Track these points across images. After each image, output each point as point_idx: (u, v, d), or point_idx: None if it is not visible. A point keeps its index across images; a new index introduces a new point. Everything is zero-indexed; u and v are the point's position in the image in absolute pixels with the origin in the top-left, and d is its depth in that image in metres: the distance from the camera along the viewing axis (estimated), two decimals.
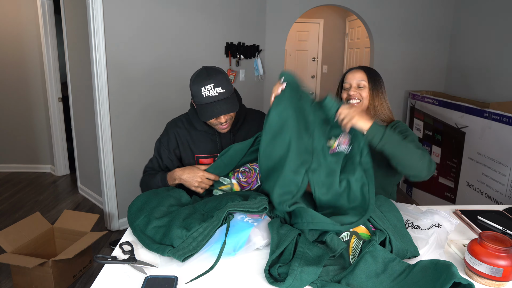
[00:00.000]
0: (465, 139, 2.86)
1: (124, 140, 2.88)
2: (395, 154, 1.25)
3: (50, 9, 3.76)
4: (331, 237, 1.08)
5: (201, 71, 1.39)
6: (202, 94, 1.34)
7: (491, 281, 0.95)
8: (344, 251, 1.04)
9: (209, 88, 1.34)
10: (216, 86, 1.34)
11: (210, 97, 1.35)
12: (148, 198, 1.30)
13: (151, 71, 2.89)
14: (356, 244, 1.06)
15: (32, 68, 4.03)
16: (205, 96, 1.34)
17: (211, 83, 1.34)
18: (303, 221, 1.12)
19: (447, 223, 1.13)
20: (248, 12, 3.49)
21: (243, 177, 1.41)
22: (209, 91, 1.34)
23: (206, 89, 1.34)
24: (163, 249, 1.05)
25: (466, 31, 3.60)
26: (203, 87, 1.34)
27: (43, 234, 2.35)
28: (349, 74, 1.52)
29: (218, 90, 1.35)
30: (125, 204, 2.96)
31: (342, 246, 1.04)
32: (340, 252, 1.04)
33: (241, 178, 1.41)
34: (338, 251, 1.04)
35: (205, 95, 1.34)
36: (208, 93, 1.34)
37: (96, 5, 2.54)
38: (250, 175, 1.42)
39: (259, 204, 1.17)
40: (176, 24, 2.97)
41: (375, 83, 1.50)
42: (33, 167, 4.31)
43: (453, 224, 1.14)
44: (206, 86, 1.34)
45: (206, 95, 1.34)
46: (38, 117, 4.17)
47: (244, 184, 1.42)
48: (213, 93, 1.34)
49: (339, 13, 5.50)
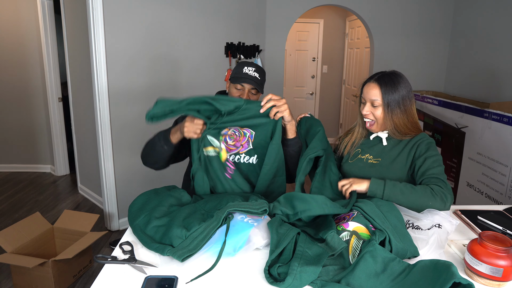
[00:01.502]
0: (465, 139, 2.86)
1: (124, 140, 2.88)
2: (401, 203, 1.26)
3: (50, 9, 3.76)
4: (331, 236, 1.07)
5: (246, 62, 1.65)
6: (243, 70, 1.58)
7: (491, 281, 0.95)
8: (344, 250, 1.04)
9: (251, 69, 1.59)
10: (256, 71, 1.58)
11: (248, 74, 1.58)
12: (149, 198, 1.30)
13: (151, 70, 2.89)
14: (356, 244, 1.06)
15: (32, 68, 4.03)
16: (244, 71, 1.58)
17: (253, 67, 1.59)
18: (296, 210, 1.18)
19: (448, 224, 1.13)
20: (248, 12, 3.49)
21: (231, 141, 1.48)
22: (250, 71, 1.59)
23: (248, 69, 1.59)
24: (162, 248, 1.05)
25: (466, 31, 3.60)
26: (246, 67, 1.59)
27: (43, 234, 2.35)
28: (365, 88, 1.43)
29: (256, 74, 1.59)
30: (125, 204, 2.96)
31: (343, 245, 1.04)
32: (340, 251, 1.04)
33: (229, 141, 1.48)
34: (338, 250, 1.03)
35: (245, 71, 1.58)
36: (248, 71, 1.58)
37: (96, 5, 2.54)
38: (239, 138, 1.49)
39: (260, 206, 1.17)
40: (176, 24, 2.97)
41: (390, 100, 1.38)
42: (33, 167, 4.31)
43: (453, 224, 1.14)
44: (249, 67, 1.59)
45: (245, 71, 1.58)
46: (38, 117, 4.17)
47: (232, 148, 1.48)
48: (252, 73, 1.58)
49: (339, 13, 5.50)
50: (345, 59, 5.59)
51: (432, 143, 1.41)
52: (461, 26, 3.69)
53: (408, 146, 1.42)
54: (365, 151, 1.50)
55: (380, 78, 1.41)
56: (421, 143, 1.40)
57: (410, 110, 1.42)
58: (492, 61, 3.22)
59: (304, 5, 3.75)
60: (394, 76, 1.41)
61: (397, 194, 1.26)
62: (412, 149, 1.41)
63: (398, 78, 1.41)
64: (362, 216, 1.15)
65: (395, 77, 1.40)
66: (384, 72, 1.43)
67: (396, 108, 1.39)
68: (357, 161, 1.50)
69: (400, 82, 1.40)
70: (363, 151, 1.51)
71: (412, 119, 1.43)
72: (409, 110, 1.41)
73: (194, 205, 1.25)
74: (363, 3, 3.76)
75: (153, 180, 2.70)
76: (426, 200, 1.23)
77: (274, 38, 3.77)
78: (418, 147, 1.40)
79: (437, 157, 1.36)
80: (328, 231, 1.09)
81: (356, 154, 1.52)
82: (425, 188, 1.26)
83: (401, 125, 1.42)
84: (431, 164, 1.34)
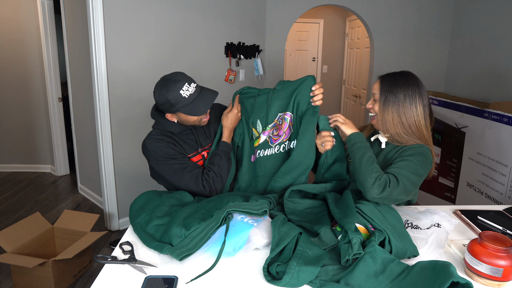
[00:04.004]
0: (465, 139, 2.86)
1: (124, 140, 2.88)
2: (353, 163, 1.32)
3: (50, 9, 3.76)
4: (324, 230, 1.12)
5: (164, 82, 1.40)
6: (184, 96, 1.38)
7: (491, 281, 0.95)
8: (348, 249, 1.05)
9: (186, 88, 1.38)
10: (189, 84, 1.40)
11: (192, 94, 1.40)
12: (150, 197, 1.31)
13: (151, 70, 2.89)
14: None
15: (32, 68, 4.03)
16: (188, 96, 1.39)
17: (183, 83, 1.38)
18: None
19: (447, 223, 1.13)
20: (248, 12, 3.49)
21: (275, 131, 1.55)
22: (188, 89, 1.39)
23: (184, 90, 1.38)
24: (161, 247, 1.06)
25: (466, 31, 3.60)
26: (181, 90, 1.37)
27: (43, 234, 2.35)
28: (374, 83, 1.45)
29: (193, 85, 1.41)
30: (125, 204, 2.96)
31: (334, 242, 1.08)
32: (331, 247, 1.08)
33: (274, 133, 1.55)
34: (329, 246, 1.07)
35: (187, 94, 1.39)
36: (188, 92, 1.39)
37: (96, 5, 2.54)
38: (281, 126, 1.54)
39: (260, 207, 1.18)
40: (176, 24, 2.97)
41: (386, 96, 1.36)
42: (33, 167, 4.31)
43: (452, 224, 1.14)
44: (183, 88, 1.38)
45: (189, 94, 1.39)
46: (38, 117, 4.17)
47: (275, 138, 1.56)
48: (192, 89, 1.40)
49: (339, 13, 5.50)
50: (345, 59, 5.59)
51: (423, 155, 1.31)
52: (461, 26, 3.69)
53: (398, 152, 1.37)
54: None
55: (387, 75, 1.41)
56: (411, 149, 1.34)
57: (408, 113, 1.34)
58: (492, 61, 3.23)
59: (304, 5, 3.74)
60: (401, 75, 1.38)
61: (355, 154, 1.32)
62: (400, 150, 1.37)
63: (404, 78, 1.37)
64: (361, 216, 1.15)
65: (401, 77, 1.38)
66: (396, 72, 1.42)
67: (389, 106, 1.36)
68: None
69: (405, 83, 1.35)
70: None
71: (409, 124, 1.35)
72: (407, 113, 1.34)
73: (195, 205, 1.25)
74: (363, 3, 3.76)
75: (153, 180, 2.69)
76: (365, 176, 1.23)
77: (274, 38, 3.77)
78: (406, 151, 1.34)
79: (414, 165, 1.27)
80: (322, 226, 1.13)
81: None
82: (378, 171, 1.25)
83: (391, 126, 1.37)
84: (402, 165, 1.27)
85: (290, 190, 1.33)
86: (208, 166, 1.45)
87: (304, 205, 1.32)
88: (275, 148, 1.54)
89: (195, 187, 1.38)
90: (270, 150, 1.55)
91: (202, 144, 1.55)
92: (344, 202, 1.23)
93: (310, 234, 1.16)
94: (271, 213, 1.28)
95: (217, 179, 1.42)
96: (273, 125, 1.54)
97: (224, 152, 1.48)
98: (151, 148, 1.44)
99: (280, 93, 1.54)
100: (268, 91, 1.55)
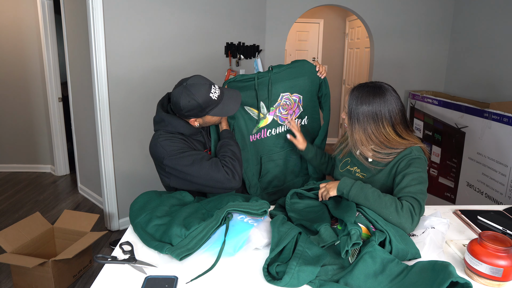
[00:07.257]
0: (465, 139, 2.86)
1: (124, 140, 2.88)
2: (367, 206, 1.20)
3: (50, 9, 3.76)
4: (324, 227, 1.12)
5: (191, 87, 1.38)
6: (214, 98, 1.41)
7: (491, 281, 0.95)
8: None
9: (213, 90, 1.41)
10: (214, 85, 1.42)
11: (220, 95, 1.44)
12: (151, 197, 1.31)
13: (151, 71, 2.89)
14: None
15: (32, 68, 4.03)
16: (216, 97, 1.42)
17: (210, 86, 1.41)
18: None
19: (439, 224, 1.16)
20: (248, 12, 3.49)
21: (284, 111, 1.71)
22: (215, 91, 1.41)
23: (212, 92, 1.40)
24: (161, 246, 1.06)
25: (466, 31, 3.60)
26: (210, 93, 1.39)
27: (43, 234, 2.35)
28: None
29: (217, 86, 1.44)
30: (125, 204, 2.96)
31: (333, 239, 1.09)
32: (330, 243, 1.09)
33: (283, 112, 1.70)
34: (329, 242, 1.08)
35: (216, 96, 1.41)
36: (216, 93, 1.42)
37: (96, 5, 2.54)
38: (291, 106, 1.71)
39: (260, 207, 1.18)
40: (177, 24, 2.97)
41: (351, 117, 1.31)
42: (33, 167, 4.31)
43: (445, 223, 1.15)
44: (211, 90, 1.40)
45: (217, 95, 1.42)
46: (38, 117, 4.17)
47: (284, 117, 1.73)
48: (218, 90, 1.43)
49: (339, 13, 5.50)
50: (345, 59, 5.59)
51: (417, 158, 1.28)
52: (461, 26, 3.69)
53: (391, 163, 1.32)
54: (354, 163, 1.46)
55: (357, 87, 1.33)
56: (404, 159, 1.29)
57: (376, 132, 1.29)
58: (492, 61, 3.22)
59: (304, 5, 3.74)
60: (373, 89, 1.30)
61: (361, 198, 1.20)
62: (394, 166, 1.31)
63: (375, 92, 1.29)
64: (363, 217, 1.16)
65: (373, 91, 1.29)
66: (369, 83, 1.34)
67: (355, 126, 1.31)
68: (346, 172, 1.48)
69: (370, 102, 1.28)
70: (352, 162, 1.47)
71: (380, 141, 1.30)
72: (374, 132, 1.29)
73: (195, 205, 1.25)
74: (363, 3, 3.76)
75: (153, 180, 2.70)
76: (387, 213, 1.15)
77: (274, 38, 3.77)
78: (400, 164, 1.29)
79: (418, 174, 1.24)
80: (322, 224, 1.14)
81: (346, 163, 1.49)
82: (393, 201, 1.17)
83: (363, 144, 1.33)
84: (409, 182, 1.23)
85: (292, 191, 1.36)
86: (221, 154, 1.44)
87: (304, 205, 1.34)
88: (286, 126, 1.74)
89: (218, 172, 1.34)
90: (281, 127, 1.73)
91: (208, 145, 1.58)
92: (344, 202, 1.24)
93: (310, 232, 1.17)
94: (271, 213, 1.29)
95: (235, 163, 1.40)
96: (277, 104, 1.70)
97: (230, 138, 1.52)
98: (164, 145, 1.40)
99: (279, 76, 1.68)
100: (265, 74, 1.66)
